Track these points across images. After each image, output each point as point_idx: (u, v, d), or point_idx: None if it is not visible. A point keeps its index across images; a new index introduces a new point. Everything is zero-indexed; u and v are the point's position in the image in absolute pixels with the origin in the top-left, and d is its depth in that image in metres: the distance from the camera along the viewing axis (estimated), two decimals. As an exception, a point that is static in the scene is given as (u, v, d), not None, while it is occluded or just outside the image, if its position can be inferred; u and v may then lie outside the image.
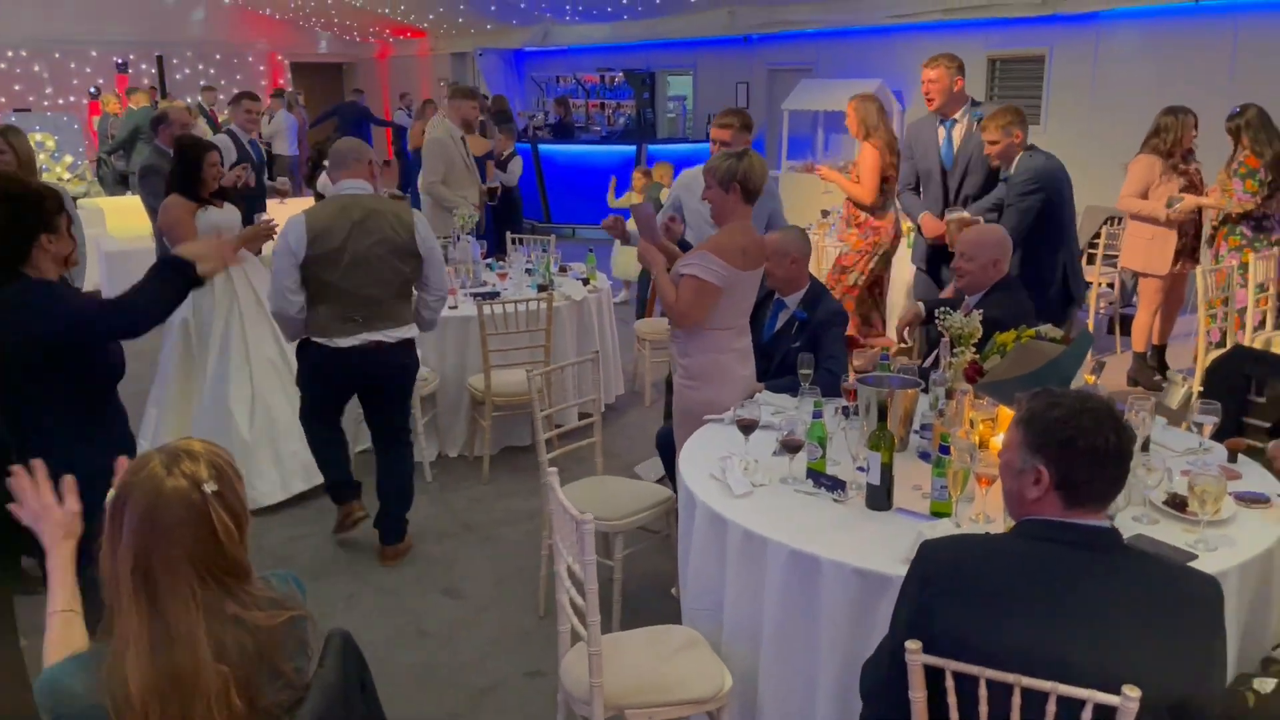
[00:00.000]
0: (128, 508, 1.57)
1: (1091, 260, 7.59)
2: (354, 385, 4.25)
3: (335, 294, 3.98)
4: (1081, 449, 1.83)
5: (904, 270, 6.46)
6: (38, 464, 1.91)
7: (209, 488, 1.60)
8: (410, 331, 4.21)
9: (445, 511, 4.87)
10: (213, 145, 4.98)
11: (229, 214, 4.81)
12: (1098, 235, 7.73)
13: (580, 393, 5.37)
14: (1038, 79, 9.82)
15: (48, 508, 1.88)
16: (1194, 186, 6.12)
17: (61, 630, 1.79)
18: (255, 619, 1.61)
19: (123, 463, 1.73)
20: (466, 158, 7.08)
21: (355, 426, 4.84)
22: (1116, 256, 7.61)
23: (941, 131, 5.21)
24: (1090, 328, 7.22)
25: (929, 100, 5.20)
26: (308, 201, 8.92)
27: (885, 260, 5.98)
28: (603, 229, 4.32)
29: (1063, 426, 1.85)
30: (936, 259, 5.26)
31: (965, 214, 4.91)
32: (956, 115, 5.14)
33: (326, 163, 4.46)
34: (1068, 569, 1.82)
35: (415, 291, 4.24)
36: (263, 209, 6.33)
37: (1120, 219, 7.93)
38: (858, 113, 5.78)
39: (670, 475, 4.13)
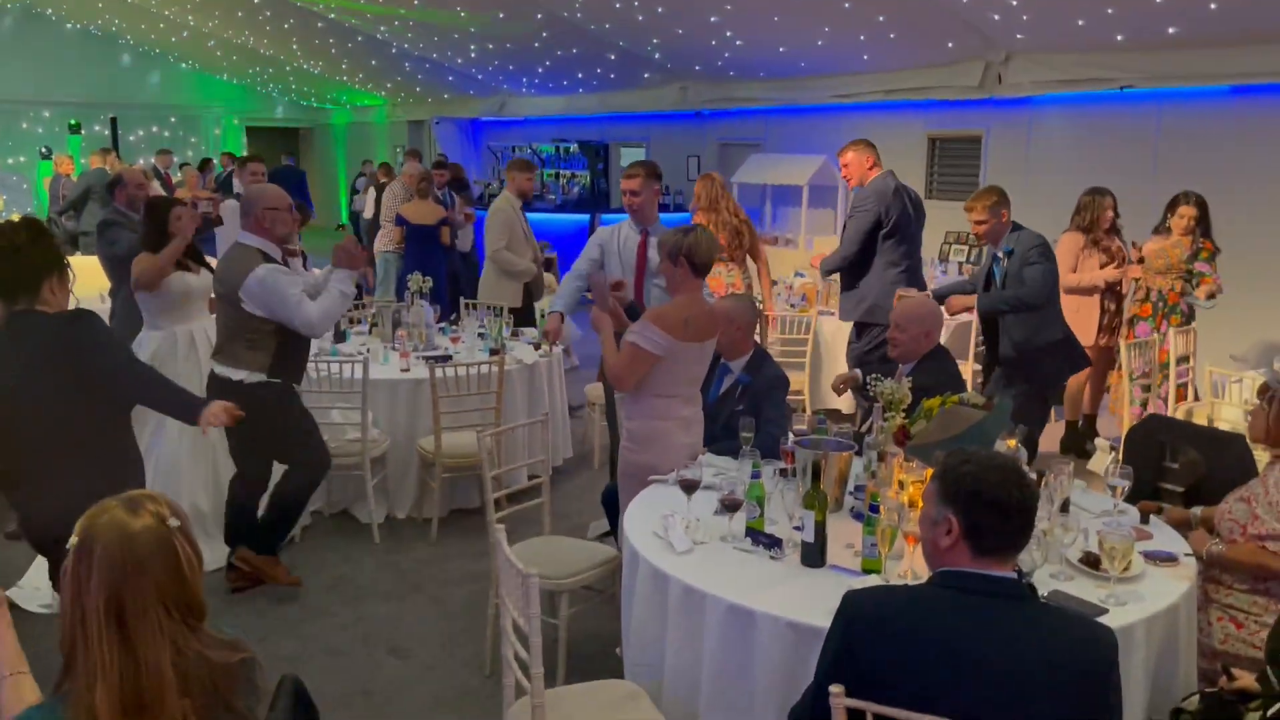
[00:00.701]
0: (96, 548, 1.63)
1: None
2: None
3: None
4: (986, 500, 1.99)
5: (844, 329, 6.67)
6: None
7: (173, 522, 1.69)
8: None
9: (393, 572, 4.90)
10: (179, 200, 5.11)
11: (203, 279, 4.88)
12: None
13: (530, 454, 5.45)
14: (975, 158, 10.25)
15: None
16: (1113, 260, 6.46)
17: (13, 693, 1.83)
18: (213, 656, 1.68)
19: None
20: (525, 226, 7.37)
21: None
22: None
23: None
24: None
25: (847, 181, 5.98)
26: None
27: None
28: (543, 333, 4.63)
29: (971, 480, 2.01)
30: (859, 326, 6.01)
31: (913, 291, 5.19)
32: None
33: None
34: (977, 616, 1.96)
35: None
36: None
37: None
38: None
39: (614, 532, 4.22)
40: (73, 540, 1.66)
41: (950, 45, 8.94)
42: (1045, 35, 8.23)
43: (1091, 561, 2.84)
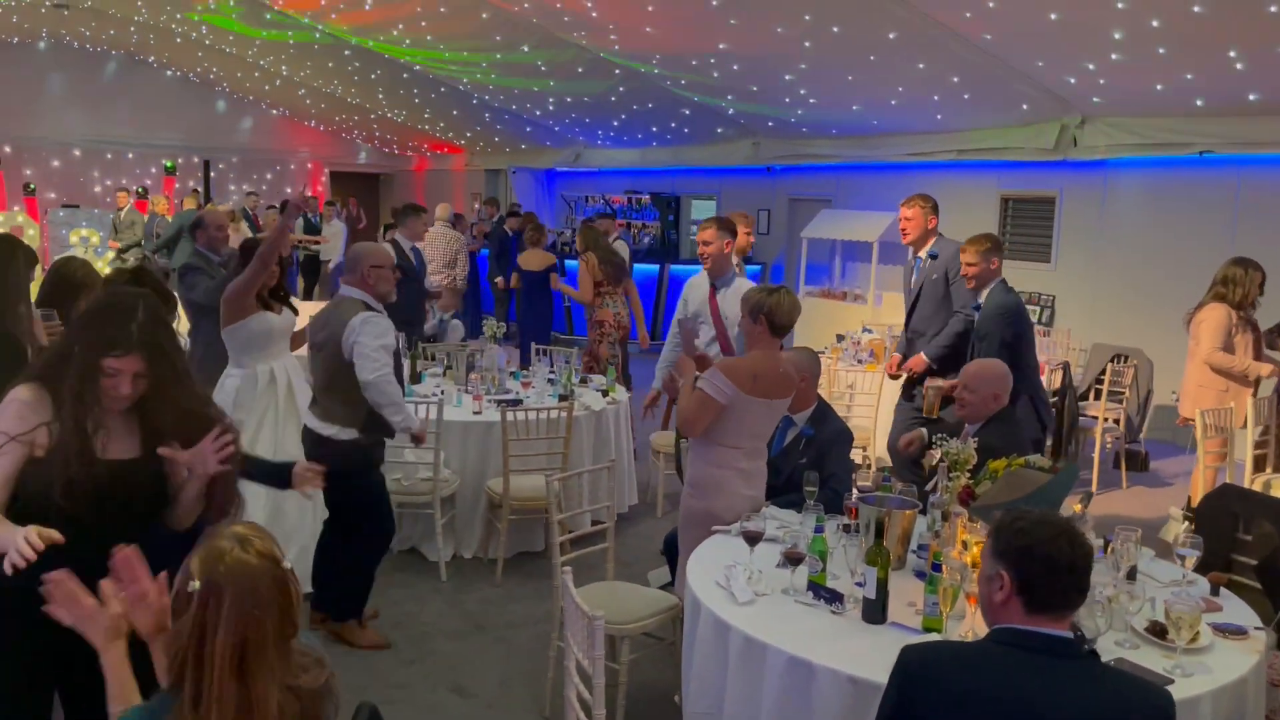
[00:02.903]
0: (226, 594, 1.70)
1: (1098, 395, 7.77)
2: None
3: None
4: (1037, 556, 2.04)
5: (892, 389, 6.66)
6: (126, 556, 2.01)
7: (287, 564, 1.79)
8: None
9: (458, 611, 5.00)
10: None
11: (285, 318, 5.04)
12: (1103, 371, 7.93)
13: (594, 499, 5.54)
14: (1048, 218, 10.19)
15: (91, 611, 1.95)
16: (1257, 339, 6.00)
17: None
18: (304, 682, 1.78)
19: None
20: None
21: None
22: (1122, 393, 7.82)
23: (914, 265, 5.67)
24: (1095, 462, 7.37)
25: (904, 234, 5.65)
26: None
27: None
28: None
29: (1022, 535, 2.07)
30: (908, 385, 5.74)
31: (942, 383, 5.17)
32: (922, 252, 5.54)
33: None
34: (1033, 673, 1.99)
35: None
36: (422, 312, 6.85)
37: (1126, 356, 8.16)
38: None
39: (674, 580, 4.27)
40: (194, 584, 1.72)
41: (1025, 107, 8.96)
42: (1123, 99, 8.22)
43: (1158, 631, 2.82)
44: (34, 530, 2.14)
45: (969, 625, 2.82)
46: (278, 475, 3.27)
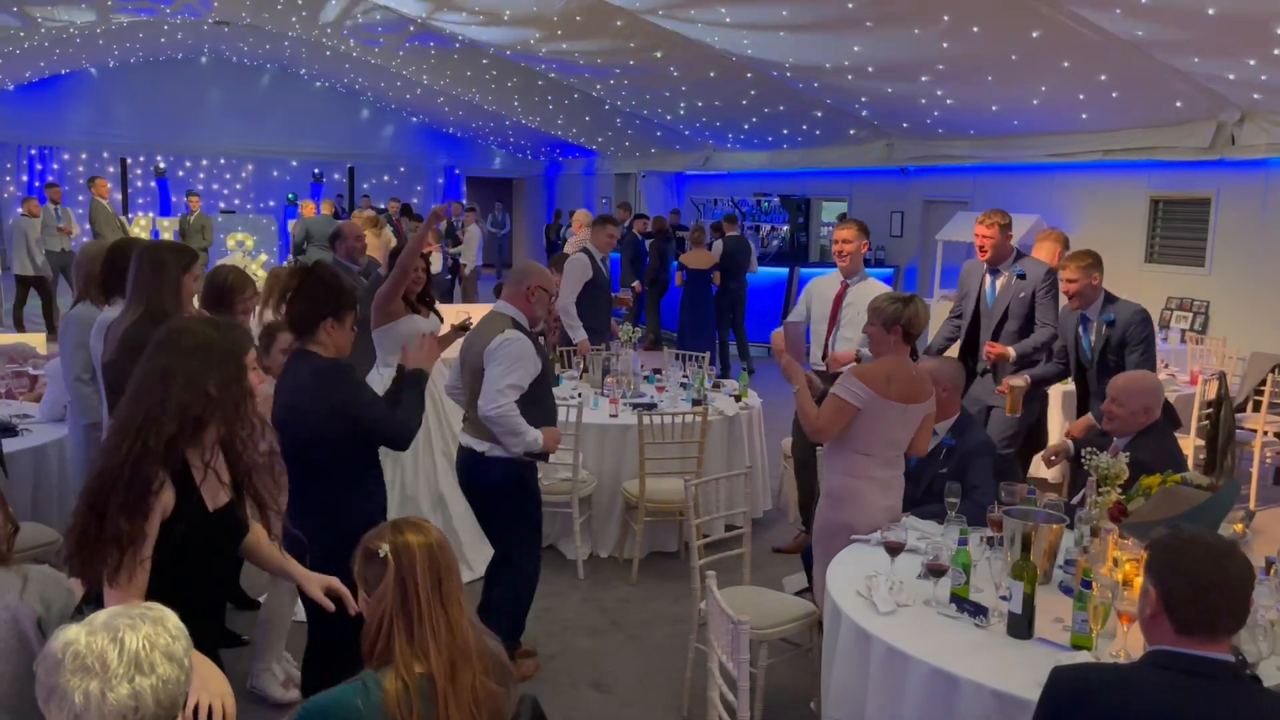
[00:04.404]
0: (413, 548, 2.04)
1: (1257, 407, 7.40)
2: None
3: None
4: (1182, 572, 2.01)
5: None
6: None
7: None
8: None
9: (595, 609, 5.14)
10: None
11: (430, 322, 5.28)
12: (1263, 382, 7.54)
13: (729, 505, 5.60)
14: (1203, 220, 9.72)
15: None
16: None
17: None
18: (487, 641, 2.10)
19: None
20: None
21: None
22: (1283, 405, 7.42)
23: (987, 280, 5.58)
24: (1254, 477, 7.02)
25: (981, 251, 5.54)
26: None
27: None
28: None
29: (1170, 552, 2.05)
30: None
31: (1020, 381, 5.08)
32: (1002, 267, 5.49)
33: None
34: (1189, 698, 1.96)
35: None
36: (609, 321, 7.12)
37: (1288, 366, 7.73)
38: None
39: (811, 588, 4.30)
40: (385, 548, 2.04)
41: (1178, 105, 8.59)
42: (1286, 95, 7.80)
43: (1325, 658, 2.71)
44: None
45: (1120, 644, 2.77)
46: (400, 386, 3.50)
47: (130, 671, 1.56)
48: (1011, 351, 5.33)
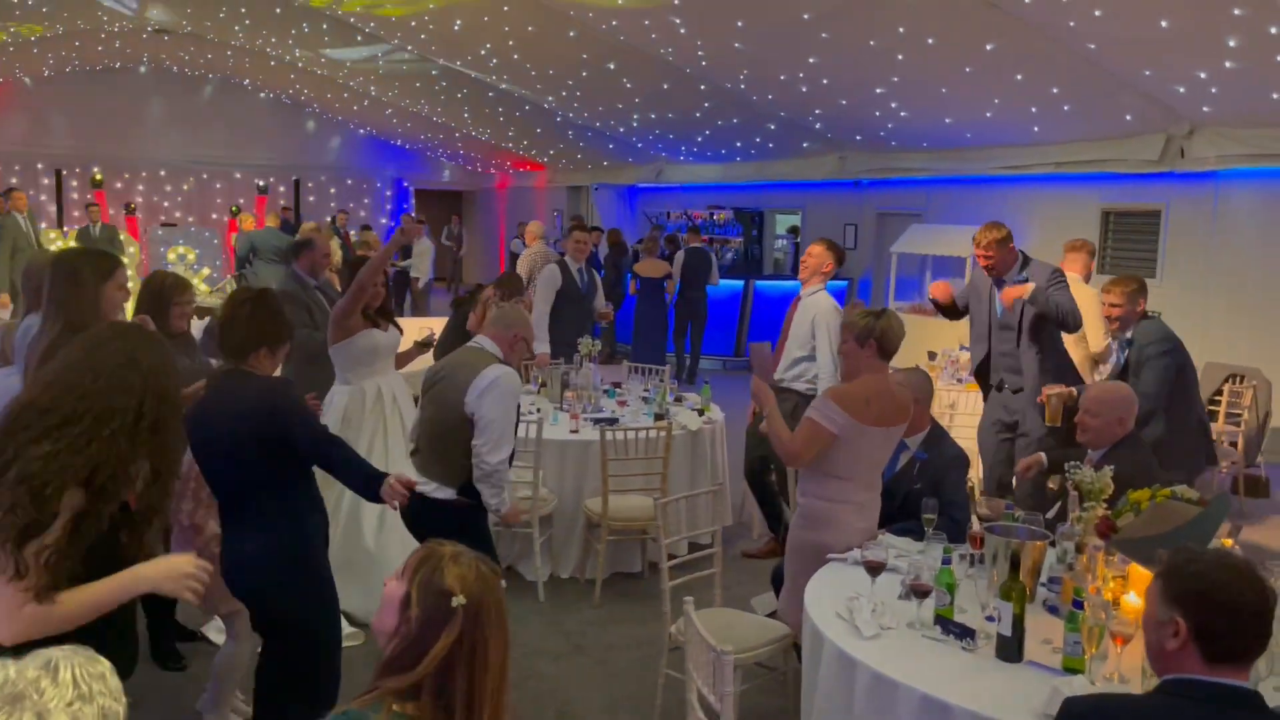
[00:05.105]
0: (490, 608, 1.82)
1: (1214, 418, 7.44)
2: None
3: None
4: (1218, 601, 1.90)
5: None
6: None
7: (503, 583, 1.94)
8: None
9: (558, 632, 4.96)
10: (363, 259, 5.37)
11: (390, 336, 5.06)
12: (1218, 393, 7.59)
13: (692, 521, 5.47)
14: (1153, 232, 9.81)
15: None
16: None
17: None
18: None
19: None
20: None
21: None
22: (1240, 414, 7.48)
23: (994, 292, 5.42)
24: (1212, 488, 7.05)
25: (990, 269, 5.35)
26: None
27: None
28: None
29: (1198, 579, 1.93)
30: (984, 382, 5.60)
31: (1062, 389, 4.92)
32: (1007, 277, 5.31)
33: None
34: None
35: None
36: (584, 334, 6.83)
37: (1242, 376, 7.81)
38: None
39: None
40: (461, 600, 1.80)
41: (1129, 117, 8.66)
42: (1235, 108, 7.88)
43: (1322, 676, 2.64)
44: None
45: (1114, 666, 2.67)
46: (370, 483, 3.27)
47: (70, 696, 1.42)
48: (1030, 286, 5.05)
